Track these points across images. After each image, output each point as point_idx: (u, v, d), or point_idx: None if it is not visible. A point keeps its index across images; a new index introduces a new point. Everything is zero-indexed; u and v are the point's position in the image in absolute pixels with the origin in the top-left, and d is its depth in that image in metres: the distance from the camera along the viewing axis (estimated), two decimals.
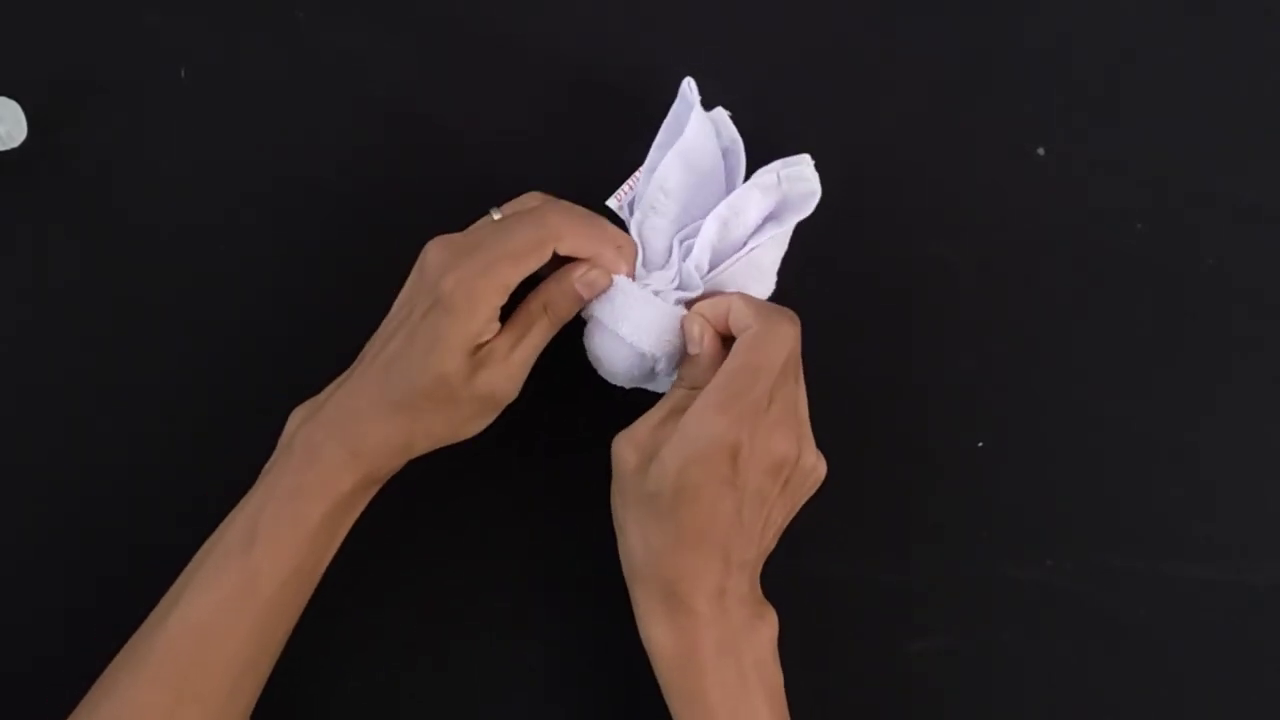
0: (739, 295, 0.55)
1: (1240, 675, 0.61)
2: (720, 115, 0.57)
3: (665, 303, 0.55)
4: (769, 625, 0.54)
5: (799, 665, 0.54)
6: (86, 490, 0.61)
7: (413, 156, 0.62)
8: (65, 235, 0.62)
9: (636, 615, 0.54)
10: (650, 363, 0.56)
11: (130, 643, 0.53)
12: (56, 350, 0.62)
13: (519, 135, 0.62)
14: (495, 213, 0.56)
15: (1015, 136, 0.62)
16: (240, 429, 0.61)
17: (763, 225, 0.56)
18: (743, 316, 0.54)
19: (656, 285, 0.55)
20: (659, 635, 0.53)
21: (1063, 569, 0.61)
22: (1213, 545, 0.61)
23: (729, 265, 0.55)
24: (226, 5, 0.63)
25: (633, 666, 0.56)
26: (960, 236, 0.62)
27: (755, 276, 0.57)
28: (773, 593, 0.54)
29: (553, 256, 0.54)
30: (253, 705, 0.53)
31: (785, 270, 0.57)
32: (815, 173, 0.55)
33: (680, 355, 0.56)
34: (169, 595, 0.53)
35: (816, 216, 0.55)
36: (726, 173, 0.57)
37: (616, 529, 0.54)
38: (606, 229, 0.56)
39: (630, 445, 0.53)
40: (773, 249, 0.57)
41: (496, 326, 0.54)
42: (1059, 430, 0.61)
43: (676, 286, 0.56)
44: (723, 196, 0.56)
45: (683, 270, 0.55)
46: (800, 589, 0.54)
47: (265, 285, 0.62)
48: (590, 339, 0.57)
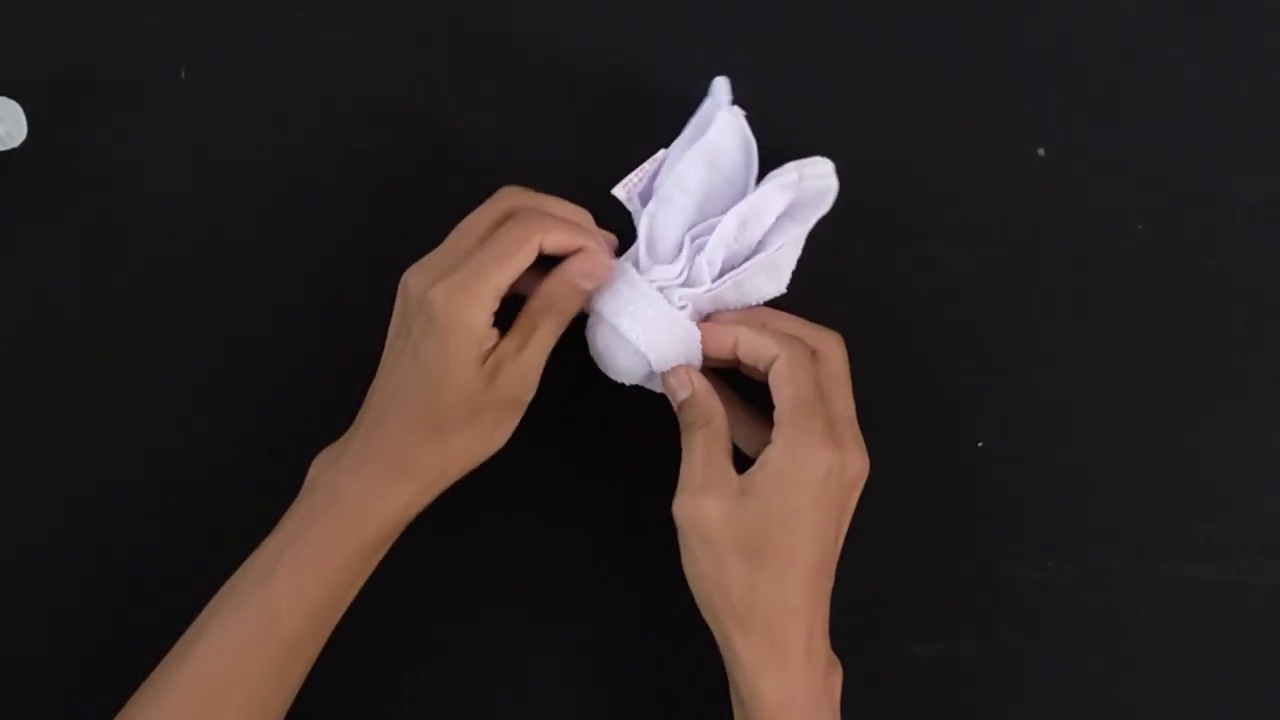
0: (743, 328, 0.55)
1: (1240, 675, 0.61)
2: (736, 115, 0.56)
3: (668, 303, 0.55)
4: (839, 673, 0.54)
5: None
6: (86, 492, 0.61)
7: (413, 156, 0.62)
8: (65, 235, 0.62)
9: (740, 668, 0.52)
10: (646, 360, 0.56)
11: (151, 677, 0.53)
12: (56, 350, 0.62)
13: (519, 135, 0.62)
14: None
15: (1015, 136, 0.62)
16: (240, 428, 0.61)
17: (778, 223, 0.56)
18: (762, 347, 0.54)
19: (661, 280, 0.55)
20: (767, 686, 0.51)
21: (1063, 569, 0.61)
22: (1213, 545, 0.61)
23: (747, 267, 0.55)
24: (226, 5, 0.63)
25: (639, 666, 0.56)
26: (960, 236, 0.62)
27: (771, 276, 0.57)
28: None
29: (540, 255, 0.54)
30: None
31: None
32: (832, 169, 0.55)
33: (674, 357, 0.55)
34: (190, 631, 0.53)
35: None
36: (744, 169, 0.56)
37: (709, 586, 0.52)
38: (587, 222, 0.56)
39: (698, 496, 0.52)
40: (792, 249, 0.57)
41: (494, 333, 0.53)
42: (1059, 430, 0.61)
43: (683, 282, 0.55)
44: (740, 198, 0.55)
45: (694, 265, 0.55)
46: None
47: (266, 285, 0.62)
48: (592, 333, 0.57)
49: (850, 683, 0.55)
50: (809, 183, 0.55)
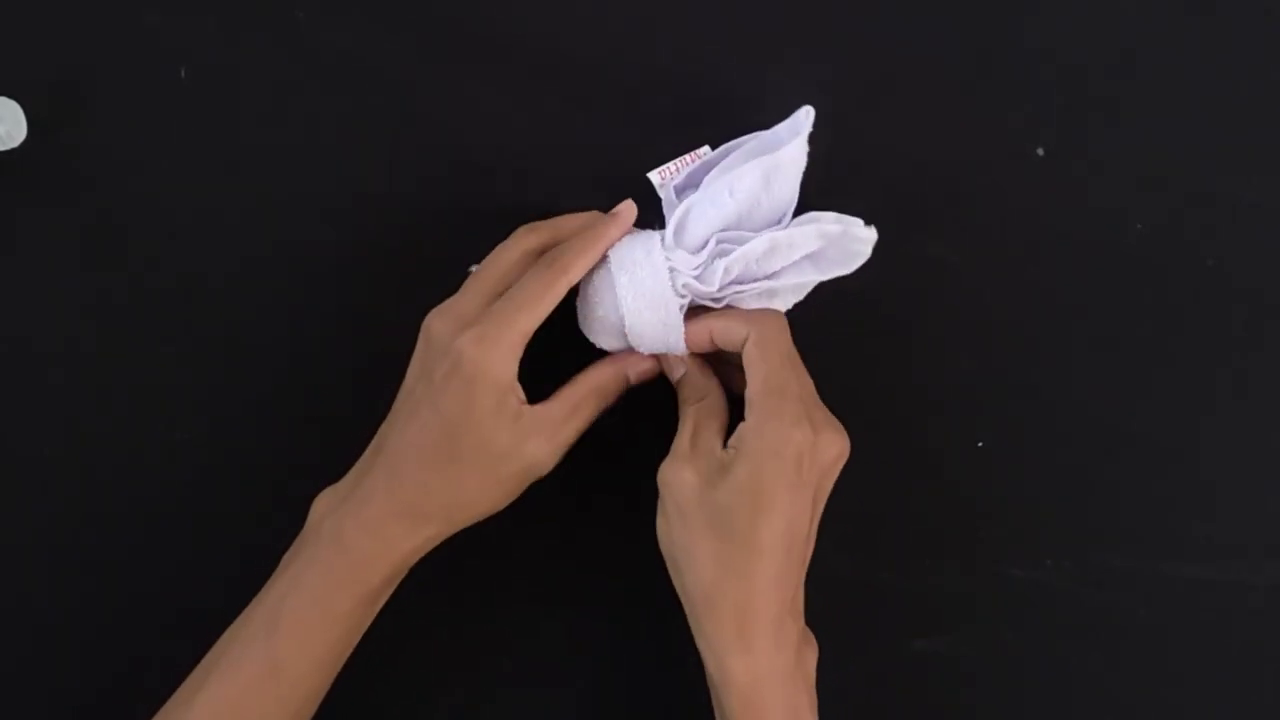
0: (711, 314, 0.55)
1: (1240, 675, 0.61)
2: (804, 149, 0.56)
3: (670, 285, 0.55)
4: (814, 650, 0.54)
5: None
6: (86, 493, 0.61)
7: (412, 156, 0.62)
8: (65, 235, 0.62)
9: (709, 646, 0.52)
10: (622, 324, 0.55)
11: None
12: (56, 350, 0.62)
13: (519, 135, 0.62)
14: (474, 268, 0.55)
15: (1015, 136, 0.62)
16: (241, 428, 0.61)
17: (799, 261, 0.55)
18: (731, 330, 0.54)
19: (678, 264, 0.55)
20: (736, 665, 0.51)
21: (1062, 569, 0.61)
22: (1213, 545, 0.61)
23: (752, 288, 0.55)
24: (226, 5, 0.63)
25: (643, 666, 0.56)
26: (960, 236, 0.62)
27: (771, 303, 0.57)
28: None
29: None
30: None
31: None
32: (873, 240, 0.54)
33: (651, 335, 0.55)
34: (193, 680, 0.53)
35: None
36: (791, 198, 0.56)
37: (679, 557, 0.53)
38: (600, 225, 0.55)
39: (682, 464, 0.52)
40: (796, 292, 0.57)
41: (517, 385, 0.53)
42: (1059, 430, 0.61)
43: (696, 276, 0.55)
44: (773, 222, 0.55)
45: (711, 265, 0.55)
46: (821, 593, 0.54)
47: (265, 285, 0.62)
48: (589, 278, 0.56)
49: (850, 682, 0.55)
50: (846, 242, 0.55)
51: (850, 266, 0.55)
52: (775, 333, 0.54)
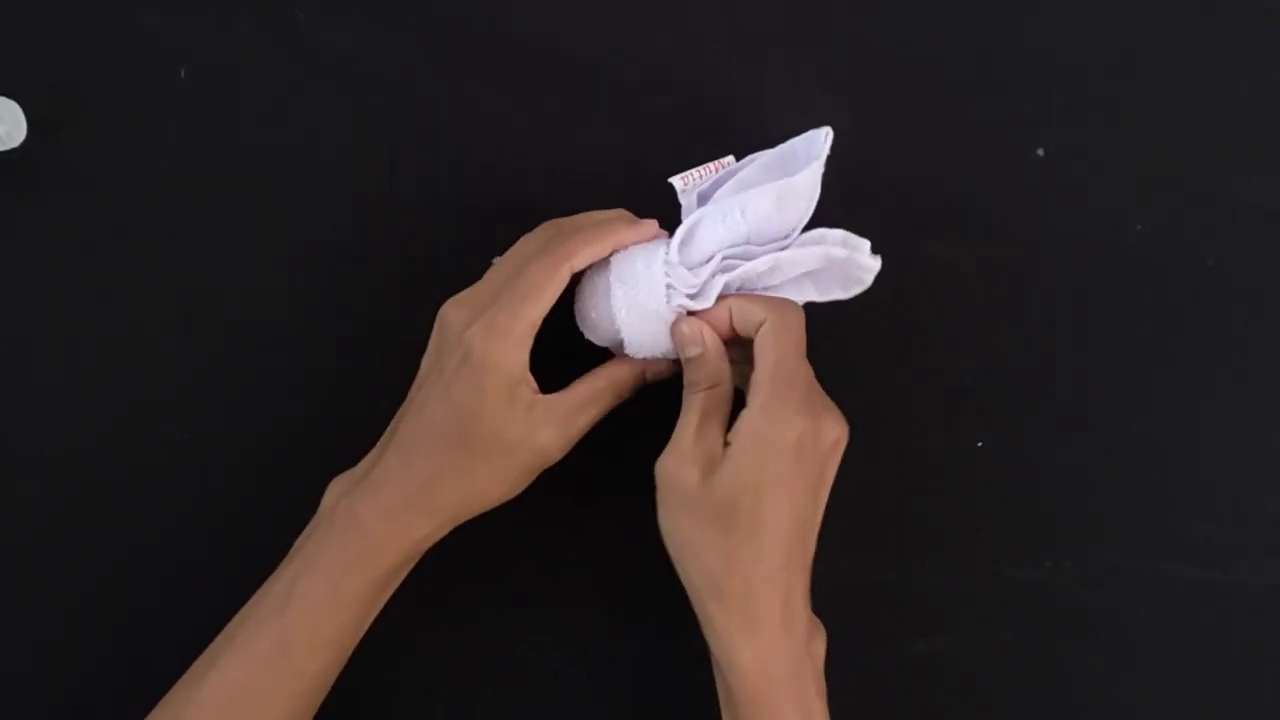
0: (733, 296, 0.55)
1: (1240, 675, 0.61)
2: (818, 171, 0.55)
3: (665, 301, 0.55)
4: (822, 637, 0.54)
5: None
6: (86, 494, 0.61)
7: (413, 156, 0.62)
8: (65, 235, 0.62)
9: (715, 635, 0.52)
10: (613, 332, 0.56)
11: (162, 706, 0.53)
12: (56, 350, 0.62)
13: (519, 135, 0.62)
14: (497, 260, 0.55)
15: (1015, 136, 0.62)
16: (242, 429, 0.61)
17: (800, 277, 0.56)
18: (750, 313, 0.54)
19: (678, 282, 0.55)
20: (743, 653, 0.51)
21: (1062, 569, 0.61)
22: (1213, 545, 0.61)
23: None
24: (226, 5, 0.63)
25: (643, 668, 0.56)
26: (960, 236, 0.62)
27: None
28: None
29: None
30: None
31: None
32: (877, 270, 0.55)
33: (644, 345, 0.55)
34: (203, 660, 0.53)
35: (817, 216, 0.55)
36: (802, 220, 0.56)
37: (682, 550, 0.52)
38: (613, 221, 0.55)
39: (684, 460, 0.52)
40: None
41: (528, 374, 0.53)
42: (1059, 430, 0.61)
43: (692, 296, 0.55)
44: (782, 239, 0.55)
45: (711, 282, 0.55)
46: (823, 592, 0.54)
47: (265, 285, 0.62)
48: (593, 275, 0.56)
49: (850, 682, 0.55)
50: (849, 269, 0.55)
51: (850, 292, 0.55)
52: (793, 321, 0.53)
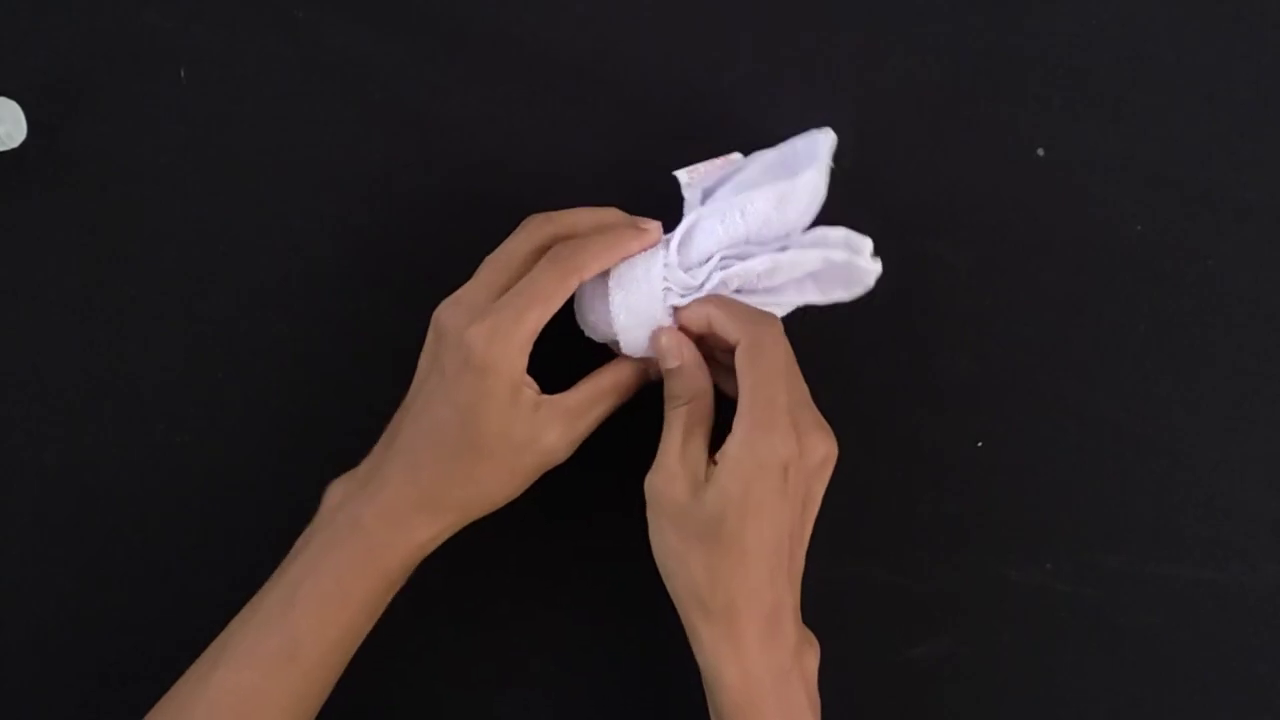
0: (713, 301, 0.54)
1: (1240, 675, 0.61)
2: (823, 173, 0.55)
3: (664, 303, 0.55)
4: (815, 650, 0.54)
5: (822, 668, 0.54)
6: (86, 494, 0.61)
7: (413, 156, 0.62)
8: (65, 235, 0.62)
9: (701, 650, 0.52)
10: (610, 333, 0.56)
11: (164, 704, 0.53)
12: (56, 351, 0.62)
13: (519, 135, 0.62)
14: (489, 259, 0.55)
15: (1015, 136, 0.62)
16: (242, 429, 0.61)
17: (802, 279, 0.56)
18: (726, 329, 0.53)
19: (675, 284, 0.55)
20: (728, 667, 0.51)
21: (1062, 570, 0.61)
22: (1213, 546, 0.61)
23: (754, 300, 0.55)
24: (226, 5, 0.63)
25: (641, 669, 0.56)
26: (960, 236, 0.62)
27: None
28: None
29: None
30: None
31: None
32: (878, 274, 0.54)
33: (644, 348, 0.56)
34: (206, 659, 0.53)
35: (818, 215, 0.55)
36: (804, 221, 0.56)
37: (672, 564, 0.53)
38: (620, 229, 0.55)
39: (670, 478, 0.52)
40: (790, 306, 0.57)
41: (528, 377, 0.53)
42: (1059, 430, 0.61)
43: (687, 297, 0.55)
44: (782, 240, 0.55)
45: (709, 280, 0.55)
46: (818, 593, 0.54)
47: (265, 285, 0.62)
48: (590, 279, 0.56)
49: (849, 683, 0.55)
50: (851, 272, 0.54)
51: (852, 293, 0.55)
52: (768, 341, 0.53)
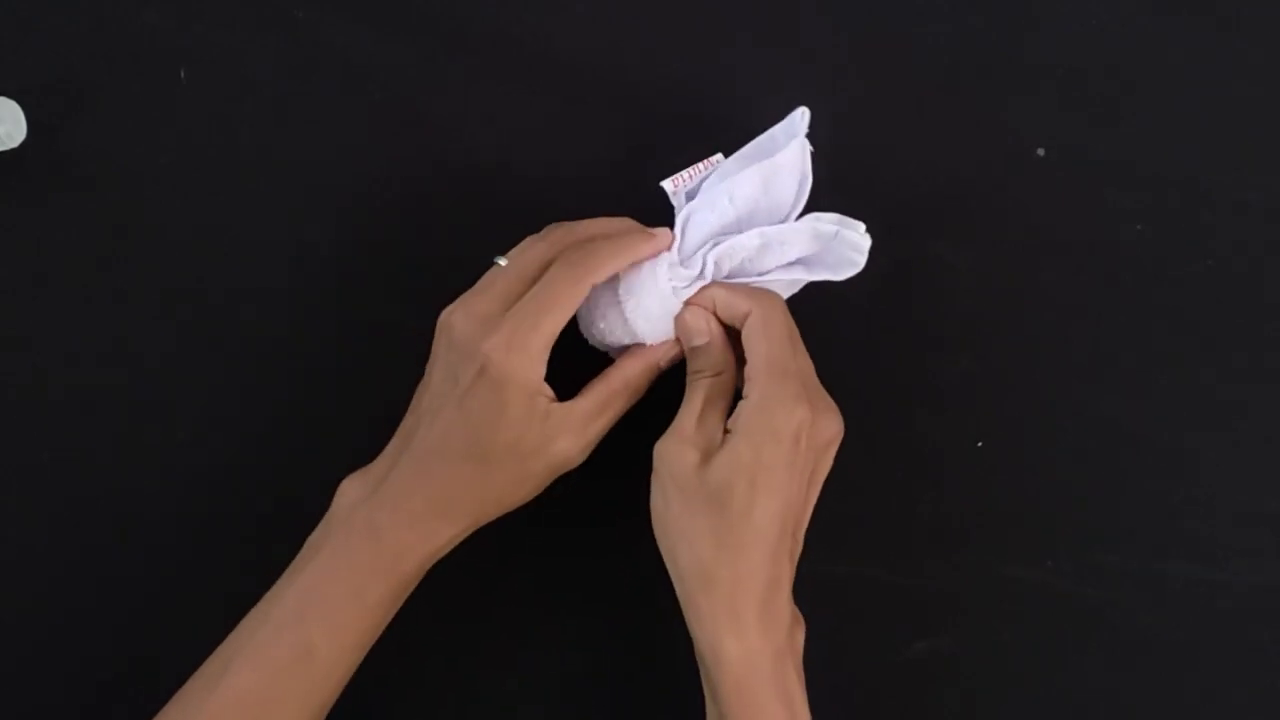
0: (717, 286, 0.55)
1: (1240, 675, 0.61)
2: (806, 146, 0.55)
3: (673, 295, 0.55)
4: (802, 628, 0.54)
5: (818, 667, 0.54)
6: (86, 494, 0.61)
7: (413, 156, 0.62)
8: (65, 235, 0.62)
9: (701, 625, 0.52)
10: (621, 342, 0.56)
11: (173, 707, 0.52)
12: (57, 351, 0.62)
13: (519, 135, 0.62)
14: (501, 260, 0.55)
15: (1015, 136, 0.62)
16: (242, 429, 0.61)
17: (795, 262, 0.56)
18: (734, 305, 0.54)
19: (678, 280, 0.55)
20: (729, 644, 0.51)
21: (1062, 569, 0.61)
22: (1213, 545, 0.61)
23: (747, 282, 0.55)
24: (226, 5, 0.63)
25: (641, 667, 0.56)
26: (960, 236, 0.62)
27: None
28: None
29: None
30: None
31: None
32: (868, 249, 0.54)
33: (656, 339, 0.56)
34: (217, 661, 0.53)
35: (809, 207, 0.55)
36: (791, 201, 0.56)
37: (673, 535, 0.52)
38: (629, 234, 0.55)
39: (684, 444, 0.52)
40: (788, 287, 0.57)
41: (545, 384, 0.53)
42: (1059, 430, 0.61)
43: (691, 286, 0.55)
44: (777, 223, 0.55)
45: (706, 263, 0.55)
46: (799, 589, 0.54)
47: (266, 284, 0.62)
48: (599, 295, 0.56)
49: (849, 682, 0.55)
50: (840, 247, 0.54)
51: (841, 273, 0.55)
52: (777, 312, 0.54)
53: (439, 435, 0.53)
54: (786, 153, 0.54)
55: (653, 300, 0.55)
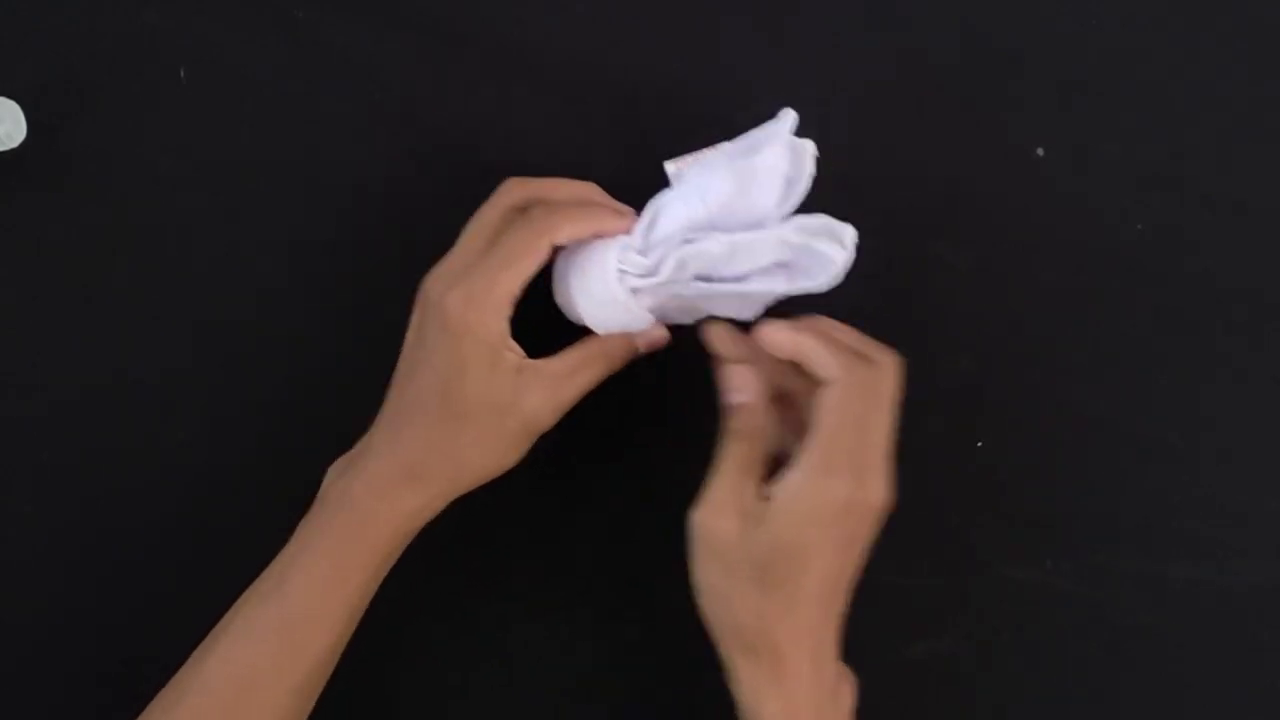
0: (815, 337, 0.52)
1: (1240, 675, 0.61)
2: (806, 148, 0.54)
3: (620, 284, 0.54)
4: (852, 688, 0.54)
5: None
6: (87, 494, 0.61)
7: (412, 156, 0.62)
8: (65, 235, 0.62)
9: (743, 688, 0.52)
10: (575, 318, 0.56)
11: (164, 693, 0.52)
12: (56, 351, 0.62)
13: (519, 135, 0.62)
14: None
15: (1015, 136, 0.62)
16: (242, 429, 0.62)
17: (773, 269, 0.54)
18: (823, 365, 0.51)
19: (630, 266, 0.54)
20: (771, 707, 0.51)
21: (1062, 569, 0.61)
22: (1213, 545, 0.61)
23: (720, 288, 0.54)
24: (226, 5, 0.63)
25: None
26: (960, 236, 0.62)
27: (742, 306, 0.55)
28: None
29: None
30: None
31: None
32: (844, 260, 0.53)
33: (612, 325, 0.55)
34: (204, 646, 0.53)
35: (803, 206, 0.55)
36: (774, 205, 0.54)
37: (714, 601, 0.52)
38: (598, 206, 0.55)
39: (722, 513, 0.51)
40: (765, 297, 0.55)
41: (509, 340, 0.53)
42: (1059, 430, 0.61)
43: (643, 277, 0.54)
44: (754, 227, 0.54)
45: (664, 260, 0.53)
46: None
47: (265, 284, 0.62)
48: (558, 263, 0.56)
49: (868, 681, 0.55)
50: (813, 257, 0.53)
51: (819, 282, 0.53)
52: (861, 388, 0.51)
53: (409, 395, 0.53)
54: (764, 155, 0.53)
55: (597, 282, 0.54)
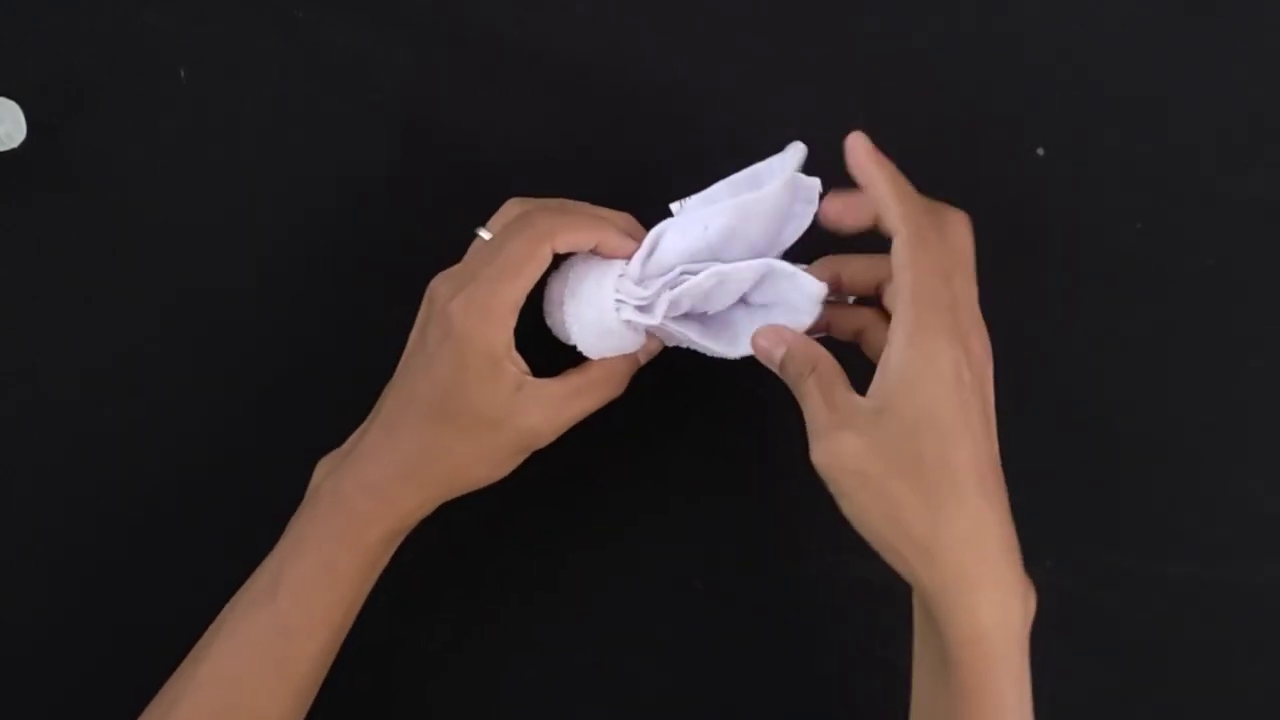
0: (891, 189, 0.50)
1: (1240, 675, 0.61)
2: (812, 186, 0.54)
3: (615, 312, 0.54)
4: (1034, 598, 0.50)
5: (798, 666, 0.54)
6: (86, 493, 0.61)
7: (412, 156, 0.62)
8: (65, 235, 0.62)
9: (934, 602, 0.48)
10: (569, 341, 0.55)
11: (159, 697, 0.52)
12: (56, 351, 0.62)
13: (519, 135, 0.62)
14: (483, 231, 0.55)
15: (1015, 136, 0.62)
16: (241, 429, 0.62)
17: (757, 306, 0.55)
18: (889, 211, 0.50)
19: (626, 295, 0.54)
20: (964, 618, 0.47)
21: (1062, 569, 0.61)
22: (1213, 545, 0.61)
23: (702, 334, 0.55)
24: (226, 5, 0.63)
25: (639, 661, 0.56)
26: None
27: (725, 342, 0.55)
28: (771, 593, 0.54)
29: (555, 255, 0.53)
30: None
31: None
32: (820, 295, 0.53)
33: (604, 349, 0.55)
34: (197, 649, 0.52)
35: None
36: (773, 240, 0.55)
37: (881, 526, 0.48)
38: (601, 215, 0.55)
39: (832, 439, 0.48)
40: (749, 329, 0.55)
41: (511, 349, 0.52)
42: (1059, 430, 0.61)
43: (641, 307, 0.54)
44: (753, 258, 0.54)
45: (660, 297, 0.53)
46: (798, 589, 0.54)
47: (265, 284, 0.62)
48: (550, 284, 0.56)
49: (849, 681, 0.55)
50: (794, 292, 0.53)
51: (800, 320, 0.53)
52: (932, 235, 0.49)
53: (405, 398, 0.53)
54: (770, 190, 0.52)
55: (591, 309, 0.54)
